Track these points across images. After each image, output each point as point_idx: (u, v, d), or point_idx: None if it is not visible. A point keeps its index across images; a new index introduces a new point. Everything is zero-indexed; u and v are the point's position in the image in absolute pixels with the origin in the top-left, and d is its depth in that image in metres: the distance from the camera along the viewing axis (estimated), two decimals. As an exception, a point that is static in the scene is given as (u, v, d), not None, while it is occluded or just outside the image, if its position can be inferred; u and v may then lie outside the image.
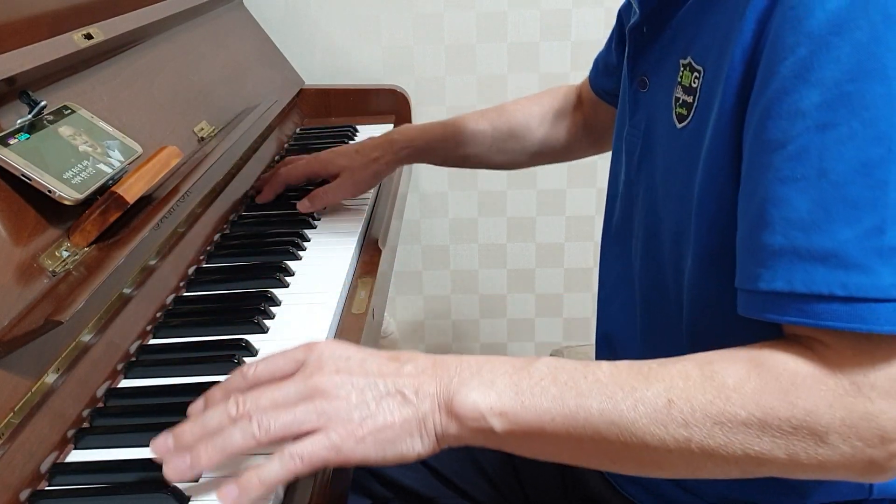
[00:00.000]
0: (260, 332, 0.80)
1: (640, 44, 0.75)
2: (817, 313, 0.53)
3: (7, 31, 0.81)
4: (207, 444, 0.57)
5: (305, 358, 0.61)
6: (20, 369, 0.64)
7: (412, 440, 0.58)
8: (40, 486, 0.62)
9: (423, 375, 0.59)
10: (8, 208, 0.71)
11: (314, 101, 1.57)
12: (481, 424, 0.57)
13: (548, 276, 1.84)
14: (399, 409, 0.58)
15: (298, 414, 0.57)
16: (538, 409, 0.57)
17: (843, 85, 0.52)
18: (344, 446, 0.57)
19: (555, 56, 1.68)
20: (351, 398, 0.58)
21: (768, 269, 0.54)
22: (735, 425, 0.54)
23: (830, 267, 0.52)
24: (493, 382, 0.58)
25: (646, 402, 0.55)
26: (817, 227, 0.53)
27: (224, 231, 1.04)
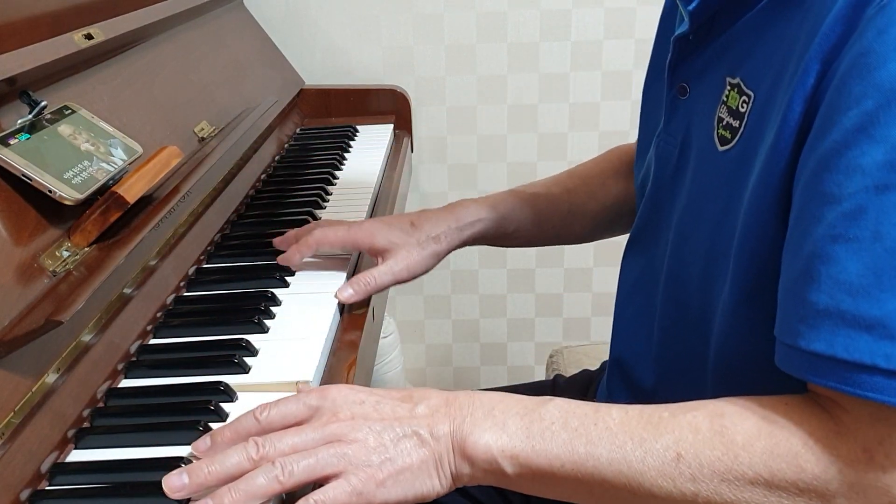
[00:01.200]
0: (260, 331, 0.80)
1: (685, 52, 0.72)
2: (858, 382, 0.51)
3: (7, 31, 0.81)
4: (231, 488, 0.56)
5: (319, 404, 0.62)
6: (20, 369, 0.64)
7: (431, 480, 0.59)
8: (41, 486, 0.62)
9: (436, 415, 0.60)
10: (8, 208, 0.71)
11: (314, 101, 1.58)
12: (493, 466, 0.59)
13: (548, 276, 1.84)
14: (416, 451, 0.59)
15: (321, 457, 0.58)
16: (548, 455, 0.58)
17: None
18: (365, 490, 0.57)
19: (555, 56, 1.68)
20: (369, 442, 0.59)
21: (810, 328, 0.53)
22: (742, 484, 0.54)
23: (876, 336, 0.50)
24: (504, 424, 0.59)
25: (655, 454, 0.56)
26: (866, 292, 0.51)
27: (225, 231, 1.04)
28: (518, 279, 1.85)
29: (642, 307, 0.80)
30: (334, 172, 1.26)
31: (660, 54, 0.82)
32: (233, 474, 0.58)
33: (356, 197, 1.18)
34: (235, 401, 0.70)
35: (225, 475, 0.58)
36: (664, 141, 0.76)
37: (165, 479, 0.58)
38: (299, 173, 1.26)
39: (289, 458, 0.57)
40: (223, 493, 0.56)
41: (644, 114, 0.85)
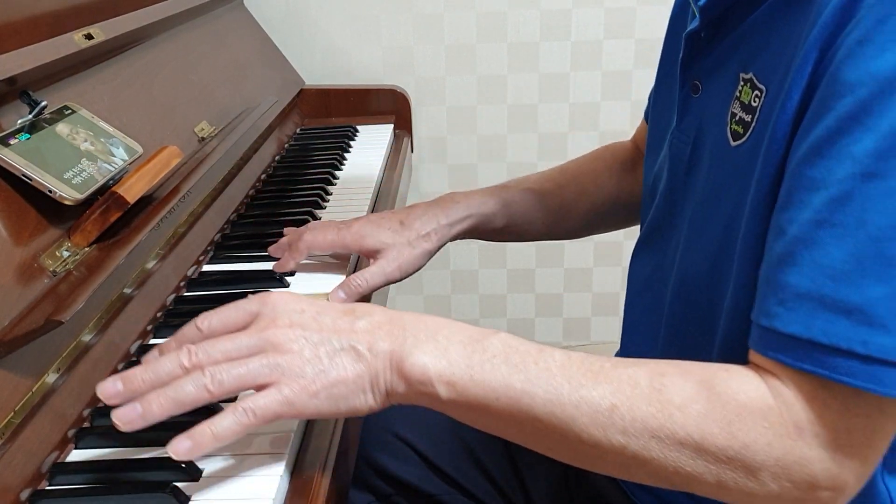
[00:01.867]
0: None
1: (696, 49, 0.72)
2: (833, 366, 0.51)
3: (7, 31, 0.81)
4: (160, 394, 0.56)
5: (259, 310, 0.61)
6: (21, 369, 0.64)
7: (364, 395, 0.59)
8: (41, 486, 0.62)
9: (377, 332, 0.60)
10: (8, 208, 0.71)
11: (314, 101, 1.58)
12: (428, 389, 0.58)
13: (548, 276, 1.85)
14: (352, 365, 0.58)
15: (252, 367, 0.57)
16: (485, 386, 0.57)
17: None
18: (297, 401, 0.57)
19: (555, 56, 1.68)
20: (304, 353, 0.58)
21: (789, 311, 0.53)
22: (672, 443, 0.54)
23: (854, 322, 0.51)
24: (447, 350, 0.59)
25: (590, 401, 0.56)
26: (847, 278, 0.51)
27: (225, 231, 1.04)
28: (518, 279, 1.85)
29: (651, 305, 0.80)
30: (334, 172, 1.26)
31: (671, 52, 0.82)
32: (165, 382, 0.57)
33: (356, 197, 1.18)
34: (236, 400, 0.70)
35: (157, 382, 0.57)
36: (677, 139, 0.76)
37: (100, 385, 0.58)
38: (299, 173, 1.26)
39: (219, 367, 0.57)
40: (151, 398, 0.56)
41: (655, 112, 0.85)
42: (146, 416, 0.57)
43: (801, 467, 0.53)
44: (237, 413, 0.57)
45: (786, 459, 0.53)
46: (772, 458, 0.53)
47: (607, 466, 0.58)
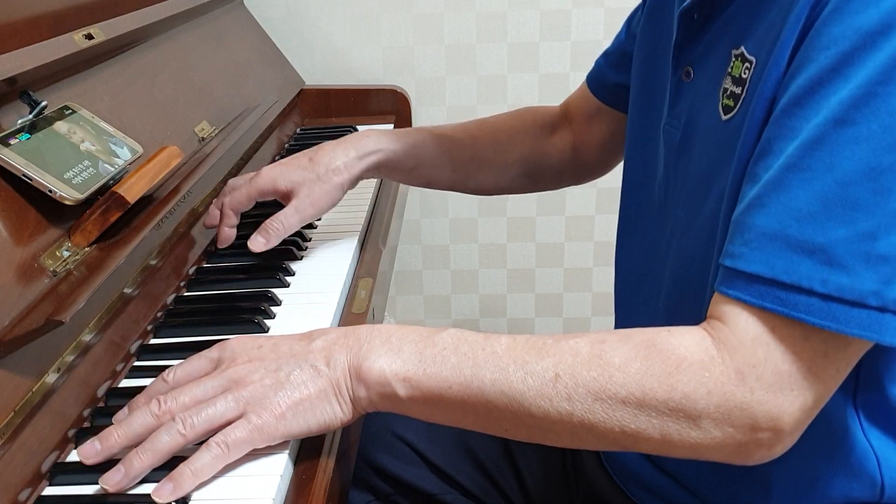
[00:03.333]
0: (260, 331, 0.81)
1: (690, 31, 0.72)
2: (793, 304, 0.53)
3: (7, 31, 0.81)
4: (138, 451, 0.59)
5: (220, 355, 0.65)
6: (21, 369, 0.64)
7: (331, 407, 0.62)
8: (41, 486, 0.62)
9: (333, 346, 0.63)
10: (9, 208, 0.71)
11: (314, 101, 1.58)
12: (387, 389, 0.61)
13: (548, 276, 1.85)
14: (313, 382, 0.61)
15: (219, 405, 0.60)
16: (438, 377, 0.60)
17: (874, 86, 0.52)
18: (266, 426, 0.60)
19: (555, 56, 1.68)
20: (265, 381, 0.61)
21: (753, 251, 0.55)
22: (615, 403, 0.56)
23: (816, 262, 0.53)
24: (399, 350, 0.61)
25: (534, 375, 0.58)
26: (812, 219, 0.53)
27: (224, 231, 1.04)
28: (518, 279, 1.85)
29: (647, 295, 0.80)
30: (334, 172, 1.26)
31: (656, 39, 0.80)
32: (140, 434, 0.60)
33: (356, 197, 1.17)
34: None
35: (133, 436, 0.60)
36: (669, 125, 0.75)
37: (79, 450, 0.60)
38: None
39: (189, 412, 0.60)
40: (132, 458, 0.58)
41: (639, 105, 0.83)
42: (130, 475, 0.58)
43: (741, 411, 0.54)
44: (211, 449, 0.59)
45: (726, 405, 0.54)
46: (712, 406, 0.55)
47: (559, 437, 0.60)
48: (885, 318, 0.52)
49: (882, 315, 0.52)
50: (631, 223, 0.85)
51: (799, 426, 0.56)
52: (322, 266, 0.94)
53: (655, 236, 0.79)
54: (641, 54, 0.84)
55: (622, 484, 0.84)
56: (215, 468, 0.59)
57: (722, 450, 0.56)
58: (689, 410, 0.55)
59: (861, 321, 0.52)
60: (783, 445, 0.57)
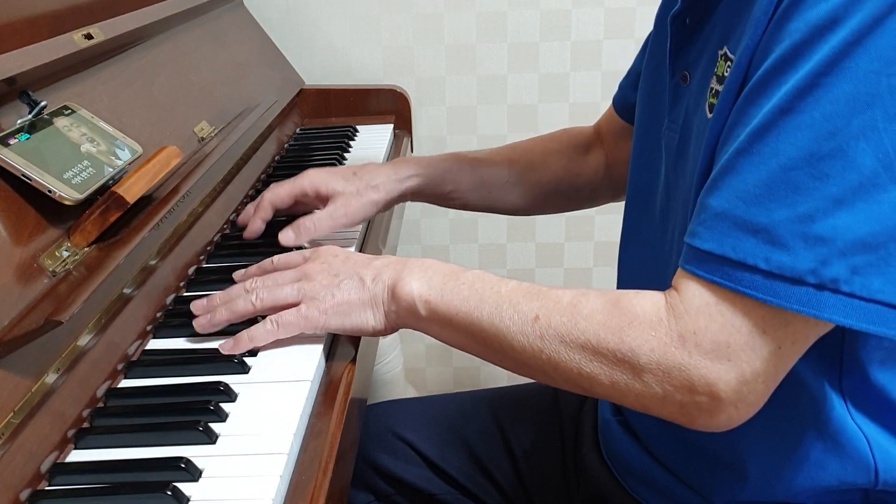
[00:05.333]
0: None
1: (683, 36, 0.74)
2: (738, 279, 0.57)
3: (7, 31, 0.81)
4: (223, 306, 0.77)
5: (310, 255, 0.80)
6: (20, 369, 0.64)
7: (365, 315, 0.75)
8: (40, 486, 0.62)
9: (385, 267, 0.75)
10: (8, 208, 0.71)
11: (314, 101, 1.57)
12: (411, 307, 0.72)
13: (548, 275, 1.84)
14: (357, 291, 0.75)
15: (285, 291, 0.76)
16: (450, 305, 0.70)
17: (817, 77, 0.55)
18: (311, 316, 0.74)
19: (555, 56, 1.68)
20: (323, 281, 0.75)
21: (707, 230, 0.59)
22: (575, 347, 0.64)
23: (760, 241, 0.57)
24: (430, 278, 0.72)
25: (520, 314, 0.67)
26: (758, 201, 0.57)
27: (224, 231, 1.04)
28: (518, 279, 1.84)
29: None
30: (334, 172, 1.26)
31: (659, 50, 0.82)
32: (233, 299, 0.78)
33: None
34: (235, 401, 0.70)
35: (227, 299, 0.78)
36: (668, 129, 0.77)
37: (193, 303, 0.80)
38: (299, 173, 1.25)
39: (264, 290, 0.76)
40: (218, 310, 0.77)
41: (643, 113, 0.85)
42: (213, 321, 0.77)
43: (679, 372, 0.60)
44: (266, 324, 0.75)
45: (666, 364, 0.60)
46: (654, 363, 0.60)
47: (532, 371, 0.68)
48: (823, 296, 0.55)
49: (819, 293, 0.55)
50: (634, 229, 0.85)
51: (739, 397, 0.59)
52: (322, 266, 0.94)
53: (658, 242, 0.80)
54: (649, 66, 0.85)
55: (623, 479, 0.84)
56: (266, 340, 0.75)
57: (665, 406, 0.62)
58: (633, 363, 0.61)
59: (800, 298, 0.56)
60: (727, 416, 0.60)
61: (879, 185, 0.54)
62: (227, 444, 0.65)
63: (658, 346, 0.60)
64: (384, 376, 1.76)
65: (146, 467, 0.62)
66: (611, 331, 0.62)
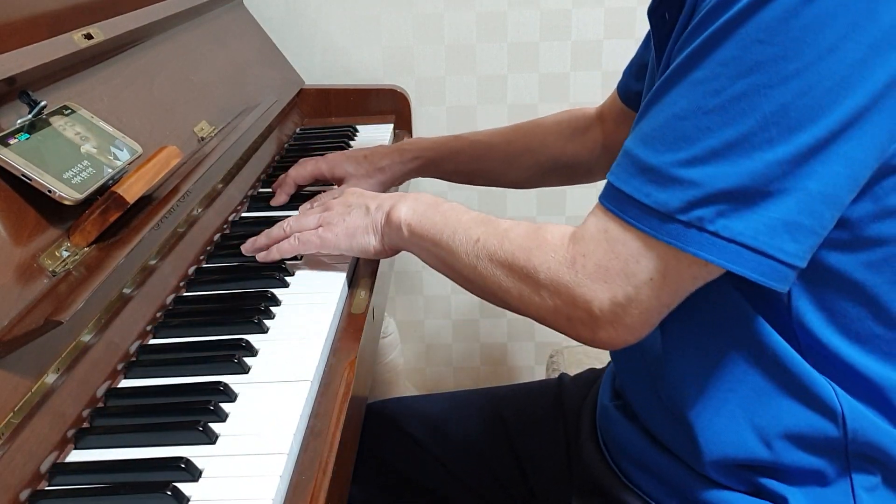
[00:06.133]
0: (260, 332, 0.80)
1: (665, 31, 0.77)
2: (625, 210, 0.65)
3: (7, 30, 0.81)
4: (263, 235, 0.92)
5: (339, 192, 0.95)
6: (20, 369, 0.64)
7: (368, 237, 0.87)
8: (40, 486, 0.62)
9: (387, 199, 0.87)
10: (8, 208, 0.71)
11: (314, 101, 1.57)
12: (398, 229, 0.83)
13: (548, 276, 1.84)
14: (362, 218, 0.88)
15: (309, 219, 0.90)
16: (423, 228, 0.81)
17: (712, 39, 0.61)
18: (325, 237, 0.88)
19: (555, 56, 1.68)
20: (339, 210, 0.89)
21: (617, 166, 0.67)
22: (496, 264, 0.74)
23: (646, 179, 0.64)
24: (415, 206, 0.83)
25: (467, 236, 0.77)
26: (651, 143, 0.64)
27: (224, 231, 1.04)
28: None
29: None
30: (334, 172, 1.26)
31: None
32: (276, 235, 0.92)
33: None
34: (235, 401, 0.70)
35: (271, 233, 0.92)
36: None
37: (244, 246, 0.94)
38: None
39: (293, 218, 0.91)
40: (260, 238, 0.93)
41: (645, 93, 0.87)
42: (255, 244, 0.92)
43: (567, 289, 0.68)
44: (291, 239, 0.89)
45: (559, 281, 0.68)
46: (549, 279, 0.69)
47: (472, 285, 0.78)
48: (690, 232, 0.62)
49: (687, 230, 0.62)
50: None
51: (614, 318, 0.66)
52: (322, 266, 0.94)
53: None
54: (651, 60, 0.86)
55: (618, 465, 0.84)
56: (290, 252, 0.90)
57: (557, 319, 0.70)
58: (535, 279, 0.70)
59: (670, 231, 0.62)
60: (606, 334, 0.67)
61: (754, 145, 0.60)
62: (226, 444, 0.65)
63: (554, 265, 0.68)
64: (384, 376, 1.76)
65: (146, 467, 0.62)
66: (523, 251, 0.71)
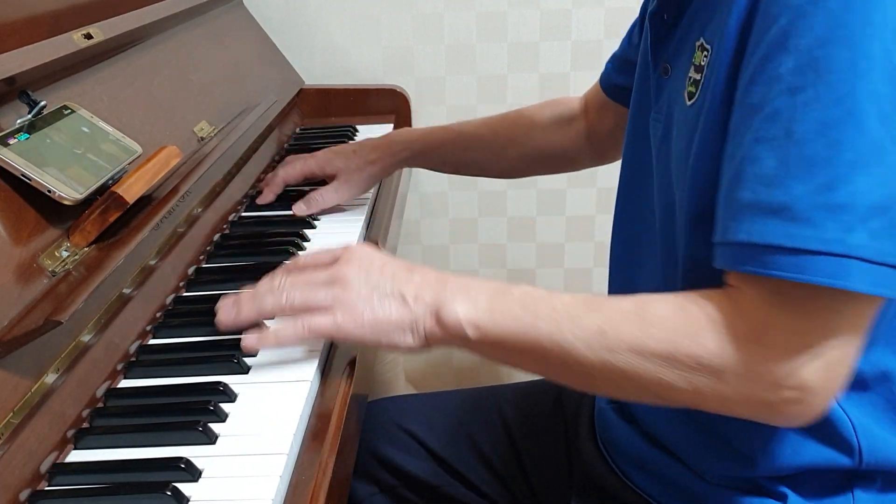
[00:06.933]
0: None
1: (662, 31, 0.76)
2: (765, 263, 0.57)
3: (7, 30, 0.81)
4: (249, 300, 0.74)
5: (341, 254, 0.74)
6: (20, 369, 0.64)
7: (404, 335, 0.70)
8: (40, 486, 0.62)
9: (425, 285, 0.70)
10: (8, 208, 0.71)
11: (314, 101, 1.57)
12: (459, 332, 0.68)
13: (548, 275, 1.84)
14: (397, 310, 0.70)
15: (318, 294, 0.71)
16: (502, 326, 0.67)
17: (813, 50, 0.56)
18: (345, 327, 0.70)
19: (555, 56, 1.68)
20: (361, 290, 0.70)
21: (736, 222, 0.59)
22: (649, 356, 0.61)
23: (782, 220, 0.56)
24: (476, 299, 0.68)
25: (583, 328, 0.64)
26: (778, 182, 0.56)
27: (224, 231, 1.04)
28: (518, 279, 1.85)
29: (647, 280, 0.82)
30: (334, 172, 1.26)
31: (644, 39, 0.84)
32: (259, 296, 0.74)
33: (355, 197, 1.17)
34: (235, 401, 0.70)
35: (255, 296, 0.74)
36: (655, 120, 0.79)
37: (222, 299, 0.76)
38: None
39: (294, 290, 0.72)
40: (244, 306, 0.74)
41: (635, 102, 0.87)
42: (239, 315, 0.74)
43: (762, 368, 0.58)
44: (296, 325, 0.70)
45: (748, 362, 0.59)
46: (735, 363, 0.59)
47: (600, 385, 0.67)
48: (850, 265, 0.55)
49: (847, 261, 0.55)
50: (624, 214, 0.86)
51: (826, 384, 0.58)
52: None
53: (648, 229, 0.81)
54: (640, 60, 0.87)
55: (617, 465, 0.84)
56: (293, 341, 0.72)
57: (750, 405, 0.61)
58: (715, 367, 0.59)
59: (826, 269, 0.55)
60: (820, 403, 0.59)
61: (885, 148, 0.55)
62: (226, 444, 0.65)
63: (739, 346, 0.59)
64: (384, 376, 1.76)
65: (146, 467, 0.62)
66: (686, 335, 0.60)
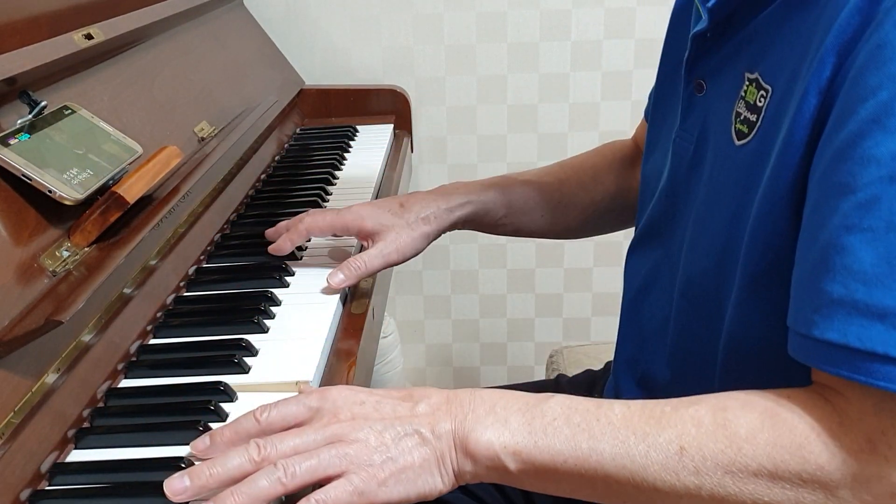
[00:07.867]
0: (260, 331, 0.80)
1: (702, 49, 0.72)
2: (869, 371, 0.51)
3: (7, 31, 0.81)
4: (234, 491, 0.56)
5: (319, 405, 0.61)
6: (20, 369, 0.64)
7: (433, 479, 0.59)
8: (40, 486, 0.62)
9: (438, 413, 0.60)
10: (8, 208, 0.71)
11: (314, 101, 1.57)
12: (496, 463, 0.59)
13: (548, 276, 1.84)
14: (418, 450, 0.59)
15: (322, 458, 0.57)
16: (551, 451, 0.58)
17: None
18: (367, 489, 0.57)
19: (555, 56, 1.68)
20: (370, 441, 0.58)
21: (824, 318, 0.53)
22: (746, 476, 0.54)
23: (888, 326, 0.50)
24: (507, 421, 0.59)
25: (658, 448, 0.56)
26: (880, 282, 0.51)
27: (224, 231, 1.04)
28: (518, 279, 1.85)
29: (656, 304, 0.80)
30: (334, 172, 1.26)
31: (673, 52, 0.81)
32: (234, 476, 0.57)
33: (356, 197, 1.17)
34: (235, 401, 0.70)
35: (227, 477, 0.57)
36: (680, 137, 0.75)
37: (167, 483, 0.57)
38: (299, 173, 1.26)
39: (291, 460, 0.57)
40: (226, 497, 0.55)
41: (656, 112, 0.84)
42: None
43: (878, 479, 0.52)
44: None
45: (863, 475, 0.52)
46: (849, 476, 0.52)
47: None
48: None
49: None
50: (641, 229, 0.84)
51: None
52: (322, 266, 0.94)
53: (665, 245, 0.79)
54: (664, 68, 0.84)
55: None
56: None
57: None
58: (825, 481, 0.53)
59: None
60: None
61: None
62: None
63: (849, 456, 0.52)
64: (384, 376, 1.76)
65: (146, 467, 0.62)
66: (786, 450, 0.54)
